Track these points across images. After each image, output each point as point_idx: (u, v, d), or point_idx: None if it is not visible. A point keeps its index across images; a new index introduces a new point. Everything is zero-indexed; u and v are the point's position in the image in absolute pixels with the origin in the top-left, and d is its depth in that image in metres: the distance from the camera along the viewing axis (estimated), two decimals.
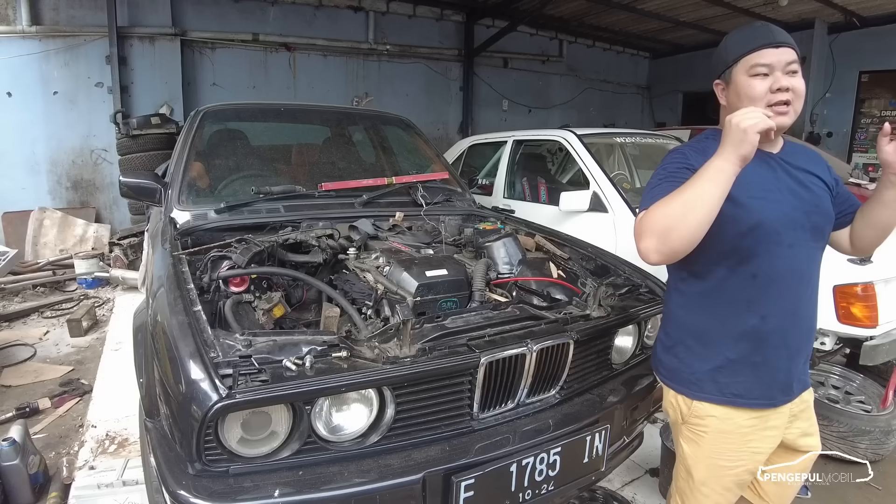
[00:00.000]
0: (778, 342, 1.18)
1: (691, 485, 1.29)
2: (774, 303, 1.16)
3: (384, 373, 1.11)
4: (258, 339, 1.15)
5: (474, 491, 1.15)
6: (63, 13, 5.48)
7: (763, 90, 1.11)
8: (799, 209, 1.16)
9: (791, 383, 1.21)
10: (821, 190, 1.22)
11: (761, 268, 1.14)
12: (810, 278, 1.21)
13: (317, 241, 1.82)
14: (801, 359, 1.23)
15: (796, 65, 1.13)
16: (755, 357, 1.18)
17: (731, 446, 1.21)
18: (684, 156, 1.20)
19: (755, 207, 1.12)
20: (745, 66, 1.13)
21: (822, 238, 1.22)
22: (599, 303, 1.52)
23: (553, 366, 1.36)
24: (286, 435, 1.10)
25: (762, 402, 1.19)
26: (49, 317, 4.15)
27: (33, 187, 5.60)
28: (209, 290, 1.52)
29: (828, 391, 2.68)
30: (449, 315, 1.33)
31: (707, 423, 1.22)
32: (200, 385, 1.03)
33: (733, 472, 1.23)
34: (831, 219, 1.22)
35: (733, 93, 1.17)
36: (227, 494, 1.03)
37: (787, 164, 1.20)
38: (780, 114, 1.11)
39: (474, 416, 1.26)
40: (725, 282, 1.17)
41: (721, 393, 1.20)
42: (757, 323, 1.16)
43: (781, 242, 1.14)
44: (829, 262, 2.20)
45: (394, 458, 1.15)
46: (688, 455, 1.28)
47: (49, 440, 2.51)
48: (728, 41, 1.19)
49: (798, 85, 1.12)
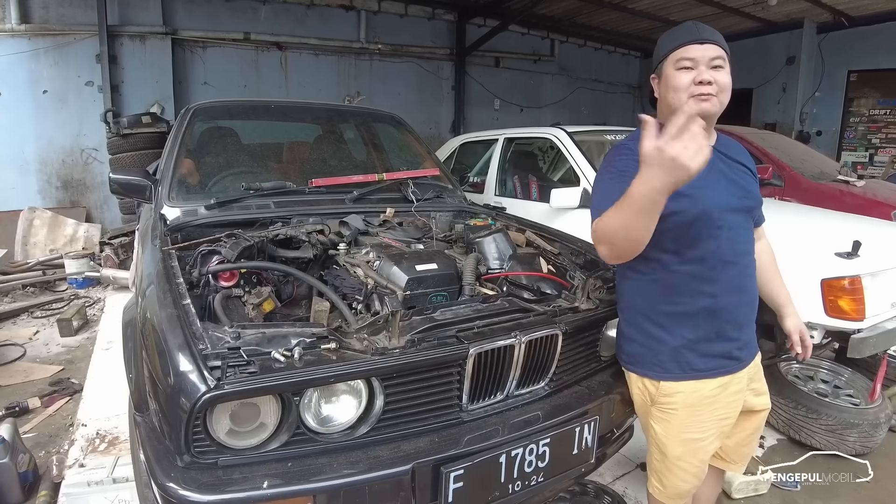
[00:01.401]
0: (729, 317, 1.27)
1: (666, 463, 1.35)
2: (722, 282, 1.25)
3: (373, 364, 1.11)
4: (247, 331, 1.16)
5: (463, 482, 1.16)
6: (53, 11, 5.45)
7: (687, 82, 1.20)
8: (735, 195, 1.27)
9: (742, 351, 1.32)
10: (750, 178, 1.34)
11: (708, 251, 1.23)
12: (749, 254, 1.32)
13: (307, 236, 1.82)
14: (748, 327, 1.34)
15: (721, 60, 1.21)
16: (710, 333, 1.27)
17: (699, 418, 1.30)
18: (632, 151, 1.23)
19: (699, 197, 1.19)
20: (672, 60, 1.23)
21: (752, 220, 1.37)
22: (588, 295, 1.54)
23: (542, 357, 1.37)
24: (275, 426, 1.10)
25: (719, 372, 1.29)
26: (39, 317, 4.12)
27: (23, 187, 5.57)
28: (199, 285, 1.52)
29: (817, 385, 2.70)
30: (438, 308, 1.34)
31: (675, 400, 1.30)
32: (189, 377, 1.03)
33: (705, 442, 1.32)
34: (760, 203, 1.38)
35: (664, 86, 1.26)
36: (215, 486, 1.03)
37: (723, 155, 1.30)
38: (703, 101, 1.19)
39: (464, 408, 1.27)
40: (675, 267, 1.25)
41: (682, 370, 1.29)
42: (708, 303, 1.25)
43: (723, 226, 1.23)
44: (815, 255, 2.25)
45: (383, 450, 1.15)
46: (660, 435, 1.34)
47: (39, 439, 2.49)
48: (661, 39, 1.29)
49: (721, 79, 1.20)
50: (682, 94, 1.20)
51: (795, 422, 2.42)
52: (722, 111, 1.24)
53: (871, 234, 2.51)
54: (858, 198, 4.21)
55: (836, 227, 2.64)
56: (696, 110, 1.18)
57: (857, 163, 8.20)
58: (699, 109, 1.18)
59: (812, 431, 2.38)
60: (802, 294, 2.16)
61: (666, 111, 1.28)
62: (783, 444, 2.49)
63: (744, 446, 1.47)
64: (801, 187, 4.45)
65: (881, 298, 2.29)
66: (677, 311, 1.27)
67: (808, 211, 3.25)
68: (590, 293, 1.54)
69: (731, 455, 1.48)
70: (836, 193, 4.30)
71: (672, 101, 1.23)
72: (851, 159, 8.30)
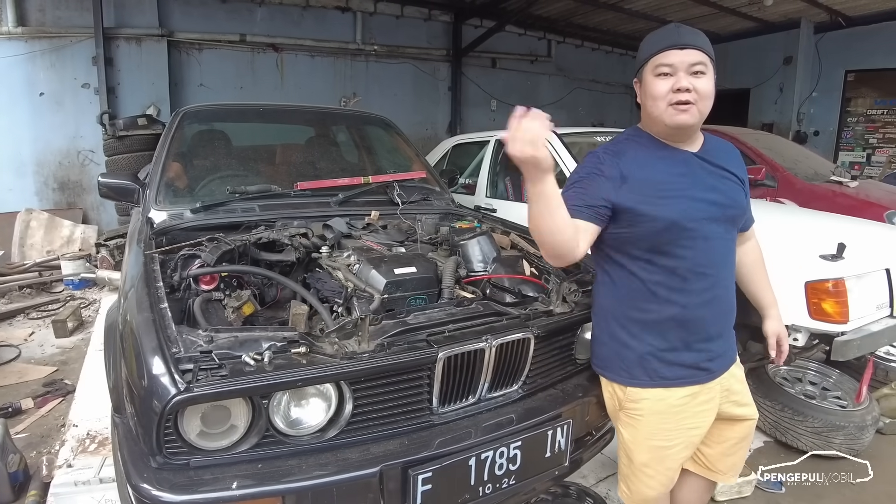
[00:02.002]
0: (698, 328, 1.25)
1: (633, 468, 1.35)
2: (693, 293, 1.23)
3: (341, 368, 1.13)
4: (220, 335, 1.18)
5: (432, 484, 1.17)
6: (49, 14, 5.47)
7: (665, 90, 1.17)
8: (716, 204, 1.23)
9: (713, 362, 1.29)
10: (735, 185, 1.29)
11: (679, 261, 1.21)
12: (728, 267, 1.30)
13: (290, 239, 1.84)
14: (721, 339, 1.30)
15: (702, 66, 1.16)
16: (677, 342, 1.25)
17: (666, 426, 1.28)
18: (598, 159, 1.26)
19: (671, 206, 1.18)
20: (652, 65, 1.19)
21: (735, 229, 1.32)
22: (564, 299, 1.55)
23: (514, 361, 1.39)
24: (245, 429, 1.12)
25: (687, 381, 1.27)
26: (35, 318, 4.15)
27: (20, 189, 5.60)
28: (180, 289, 1.54)
29: (805, 387, 2.70)
30: (411, 311, 1.36)
31: (642, 406, 1.29)
32: (160, 379, 1.05)
33: (672, 451, 1.30)
34: (745, 211, 1.33)
35: (643, 92, 1.23)
36: (187, 487, 1.06)
37: (705, 162, 1.26)
38: (682, 112, 1.17)
39: (434, 411, 1.29)
40: (646, 275, 1.24)
41: (649, 377, 1.27)
42: (677, 312, 1.23)
43: (697, 236, 1.20)
44: (800, 257, 2.26)
45: (352, 452, 1.17)
46: (628, 440, 1.34)
47: (31, 440, 2.52)
48: (643, 42, 1.24)
49: (701, 86, 1.16)
50: (661, 103, 1.18)
51: (782, 424, 2.43)
52: (703, 120, 1.21)
53: (858, 236, 2.51)
54: (851, 198, 4.21)
55: (822, 229, 2.63)
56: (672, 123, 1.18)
57: (854, 163, 8.21)
58: (675, 122, 1.17)
59: (798, 434, 2.38)
60: (787, 296, 2.16)
61: (647, 118, 1.27)
62: (770, 446, 2.49)
63: (729, 456, 1.43)
64: (794, 188, 4.45)
65: (866, 301, 2.28)
66: (645, 319, 1.26)
67: (796, 212, 3.25)
68: (566, 296, 1.55)
69: (716, 465, 1.44)
70: (829, 194, 4.30)
71: (651, 110, 1.22)
72: (849, 159, 8.31)
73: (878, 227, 2.88)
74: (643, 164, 1.24)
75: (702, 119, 1.20)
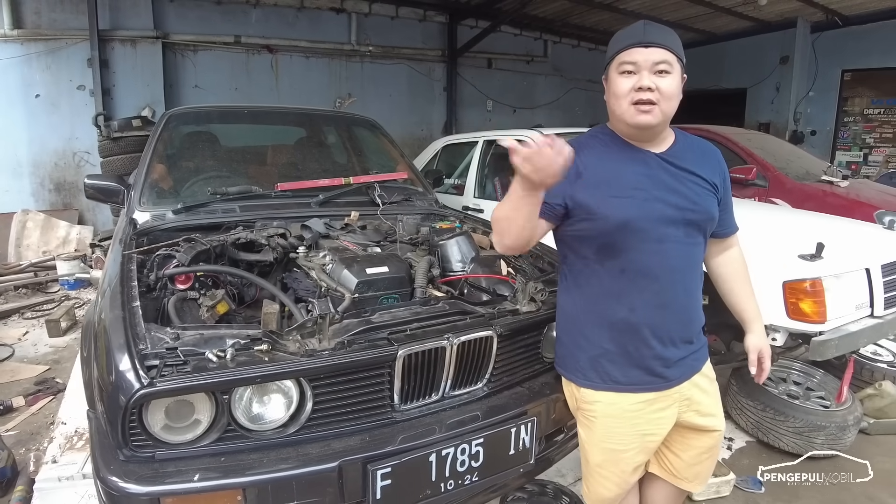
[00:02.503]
0: (649, 333, 1.22)
1: (589, 468, 1.35)
2: (642, 296, 1.20)
3: (300, 365, 1.17)
4: (187, 332, 1.22)
5: (391, 480, 1.20)
6: (45, 17, 5.53)
7: (627, 88, 1.15)
8: (673, 206, 1.19)
9: (670, 370, 1.25)
10: (702, 189, 1.24)
11: (629, 262, 1.19)
12: (684, 272, 1.24)
13: (267, 240, 1.87)
14: (678, 348, 1.25)
15: (667, 65, 1.14)
16: (628, 346, 1.23)
17: (619, 430, 1.26)
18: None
19: (624, 206, 1.17)
20: (616, 63, 1.17)
21: (700, 235, 1.25)
22: (532, 298, 1.57)
23: (477, 359, 1.41)
24: (209, 423, 1.16)
25: (641, 388, 1.24)
26: (30, 318, 4.18)
27: (16, 190, 5.66)
28: (156, 288, 1.58)
29: (788, 387, 2.70)
30: (377, 310, 1.38)
31: (595, 409, 1.28)
32: (126, 375, 1.09)
33: (626, 456, 1.28)
34: (711, 218, 1.25)
35: (608, 90, 1.22)
36: (151, 478, 1.09)
37: (668, 164, 1.22)
38: (643, 112, 1.14)
39: (396, 408, 1.31)
40: (597, 275, 1.23)
41: (602, 380, 1.26)
42: (626, 314, 1.21)
43: (649, 239, 1.18)
44: (778, 257, 2.27)
45: (313, 447, 1.20)
46: (584, 440, 1.34)
47: (20, 437, 2.56)
48: (612, 39, 1.22)
49: (665, 86, 1.13)
50: (623, 101, 1.16)
51: (763, 424, 2.43)
52: (667, 120, 1.19)
53: (840, 236, 2.52)
54: (841, 198, 4.21)
55: (803, 229, 2.64)
56: (633, 122, 1.16)
57: (851, 162, 8.19)
58: (636, 122, 1.16)
59: (779, 434, 2.39)
60: (765, 296, 2.15)
61: (612, 117, 1.25)
62: (752, 446, 2.50)
63: (695, 465, 1.38)
64: (784, 188, 4.45)
65: (845, 300, 2.27)
66: (598, 319, 1.25)
67: (777, 211, 3.25)
68: (532, 296, 1.57)
69: (682, 473, 1.39)
70: (819, 194, 4.30)
71: (613, 108, 1.20)
72: (846, 159, 8.30)
73: (861, 227, 2.86)
74: (600, 161, 1.23)
75: (665, 120, 1.18)
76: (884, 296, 2.36)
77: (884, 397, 2.67)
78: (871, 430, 2.60)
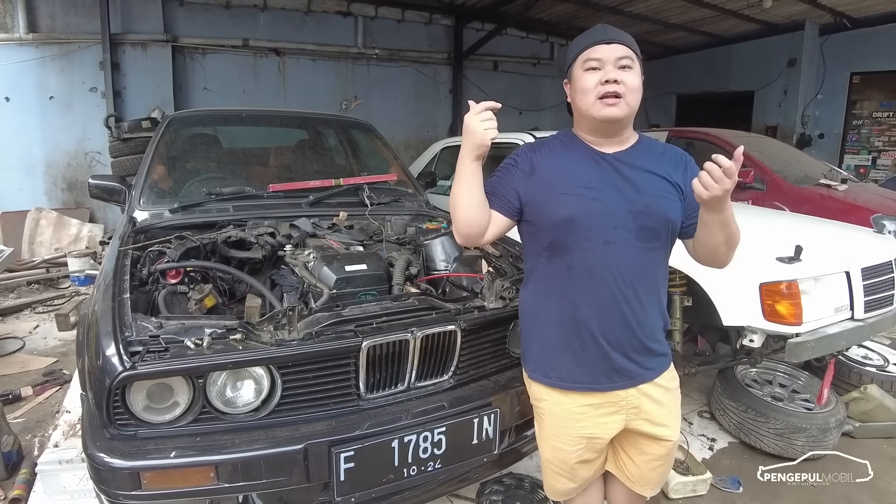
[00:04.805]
0: (593, 333, 1.22)
1: (542, 462, 1.40)
2: (588, 295, 1.22)
3: (269, 353, 1.26)
4: (170, 322, 1.32)
5: (354, 462, 1.29)
6: (59, 21, 5.72)
7: (594, 82, 1.18)
8: (623, 208, 1.19)
9: (614, 373, 1.24)
10: (660, 192, 1.22)
11: (575, 260, 1.21)
12: (635, 277, 1.21)
13: (256, 238, 1.96)
14: (626, 355, 1.24)
15: (628, 60, 1.19)
16: (574, 344, 1.24)
17: (565, 430, 1.29)
18: (518, 153, 1.33)
19: (568, 203, 1.20)
20: (580, 62, 1.22)
21: (657, 239, 1.23)
22: (500, 296, 1.65)
23: (442, 352, 1.49)
24: (187, 405, 1.25)
25: (585, 387, 1.25)
26: (41, 312, 4.33)
27: (30, 188, 5.85)
28: (149, 282, 1.68)
29: (773, 389, 2.72)
30: (348, 305, 1.47)
31: (543, 406, 1.33)
32: (111, 359, 1.20)
33: (573, 455, 1.31)
34: (667, 221, 1.22)
35: (573, 88, 1.25)
36: (133, 454, 1.20)
37: (623, 164, 1.23)
38: (609, 105, 1.17)
39: (362, 396, 1.39)
40: (546, 270, 1.27)
41: (547, 376, 1.29)
42: (571, 311, 1.23)
43: (594, 238, 1.19)
44: (756, 259, 2.30)
45: (283, 431, 1.29)
46: (537, 434, 1.39)
47: (27, 424, 2.68)
48: (571, 43, 1.28)
49: (628, 79, 1.17)
50: (590, 96, 1.18)
51: (745, 425, 2.46)
52: (632, 114, 1.21)
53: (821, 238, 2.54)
54: (839, 202, 4.22)
55: (785, 231, 2.66)
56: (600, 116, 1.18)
57: (859, 166, 8.12)
58: (603, 115, 1.17)
59: (761, 435, 2.41)
60: (742, 297, 2.20)
61: (577, 117, 1.27)
62: (734, 447, 2.53)
63: (647, 471, 1.37)
64: (781, 191, 4.46)
65: (824, 303, 2.29)
66: (546, 314, 1.28)
67: (762, 215, 3.23)
68: (500, 293, 1.64)
69: (635, 477, 1.38)
70: (817, 197, 4.30)
71: (580, 104, 1.21)
72: (854, 162, 8.21)
73: (845, 230, 2.87)
74: (553, 159, 1.27)
75: (631, 113, 1.20)
76: (864, 299, 2.37)
77: (869, 401, 2.68)
78: (857, 434, 2.62)
